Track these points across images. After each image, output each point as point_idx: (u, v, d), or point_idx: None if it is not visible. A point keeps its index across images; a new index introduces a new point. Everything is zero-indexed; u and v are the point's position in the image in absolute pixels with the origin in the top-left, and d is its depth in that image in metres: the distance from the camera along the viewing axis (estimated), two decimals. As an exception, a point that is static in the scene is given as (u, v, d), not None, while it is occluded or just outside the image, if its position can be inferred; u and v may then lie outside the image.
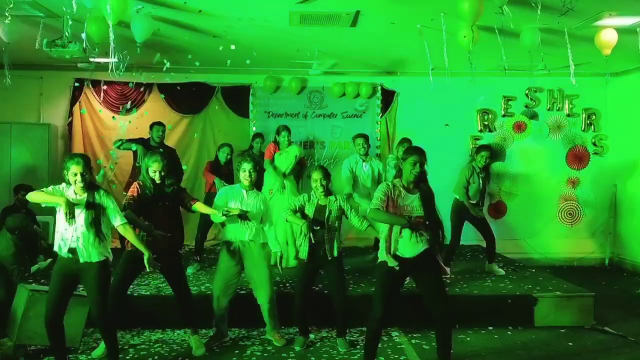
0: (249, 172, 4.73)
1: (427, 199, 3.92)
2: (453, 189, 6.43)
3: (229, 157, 6.74)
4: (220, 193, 4.88)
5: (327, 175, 4.72)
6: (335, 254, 4.67)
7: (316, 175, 4.68)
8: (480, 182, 6.38)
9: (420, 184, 3.95)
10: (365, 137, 6.71)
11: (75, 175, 3.85)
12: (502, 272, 6.40)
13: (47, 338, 4.33)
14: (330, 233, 4.67)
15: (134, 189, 4.42)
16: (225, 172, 6.67)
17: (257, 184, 5.18)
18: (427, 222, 3.83)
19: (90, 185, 3.95)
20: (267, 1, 5.03)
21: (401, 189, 3.93)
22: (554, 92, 8.61)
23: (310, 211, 4.69)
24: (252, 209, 4.70)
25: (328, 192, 4.72)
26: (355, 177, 6.62)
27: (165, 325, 5.18)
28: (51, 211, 7.38)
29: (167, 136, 7.75)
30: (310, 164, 8.36)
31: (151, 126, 6.71)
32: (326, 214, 4.67)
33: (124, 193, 5.83)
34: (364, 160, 6.65)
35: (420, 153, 3.92)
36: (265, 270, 4.78)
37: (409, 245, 3.90)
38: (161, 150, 5.94)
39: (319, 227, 4.62)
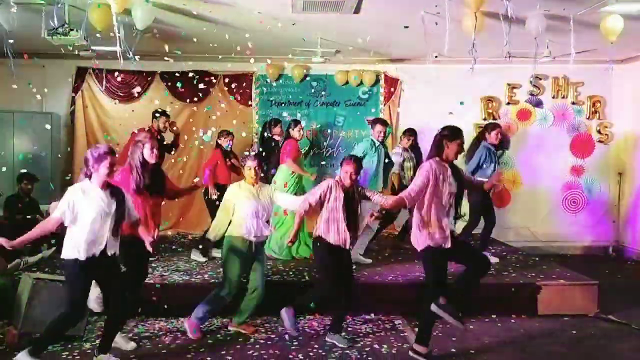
0: (254, 169, 4.71)
1: (458, 173, 4.28)
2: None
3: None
4: (230, 191, 4.79)
5: (358, 169, 4.63)
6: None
7: (348, 168, 4.56)
8: (496, 164, 6.32)
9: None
10: (387, 124, 6.67)
11: (112, 166, 3.84)
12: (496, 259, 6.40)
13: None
14: (357, 218, 4.71)
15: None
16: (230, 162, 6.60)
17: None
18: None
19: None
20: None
21: (446, 166, 4.15)
22: (558, 80, 8.56)
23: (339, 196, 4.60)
24: (263, 204, 4.72)
25: (354, 181, 4.69)
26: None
27: (168, 314, 5.17)
28: (54, 200, 7.32)
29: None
30: (314, 152, 8.37)
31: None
32: (355, 200, 4.67)
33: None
34: (376, 146, 6.48)
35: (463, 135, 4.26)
36: (264, 260, 4.89)
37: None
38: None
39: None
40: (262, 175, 5.01)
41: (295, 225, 4.68)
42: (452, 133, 4.14)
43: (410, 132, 7.13)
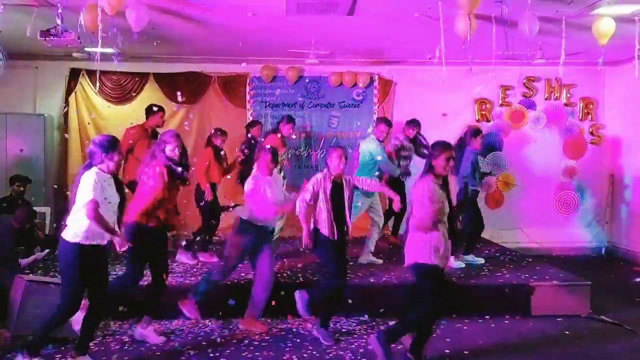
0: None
1: (447, 187, 4.23)
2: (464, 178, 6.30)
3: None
4: (254, 179, 4.85)
5: (347, 154, 4.76)
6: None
7: (337, 153, 4.64)
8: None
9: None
10: (391, 125, 6.73)
11: (120, 154, 4.01)
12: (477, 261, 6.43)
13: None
14: (344, 211, 4.74)
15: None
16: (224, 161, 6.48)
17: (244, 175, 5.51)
18: None
19: None
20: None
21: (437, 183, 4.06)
22: (551, 82, 8.59)
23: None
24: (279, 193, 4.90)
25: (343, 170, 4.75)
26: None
27: (161, 315, 5.13)
28: (47, 202, 7.29)
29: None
30: (307, 154, 8.39)
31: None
32: (346, 194, 4.72)
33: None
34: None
35: (452, 148, 4.09)
36: (272, 248, 5.05)
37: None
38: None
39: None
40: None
41: (305, 227, 4.66)
42: (436, 150, 4.11)
43: (415, 124, 7.06)
